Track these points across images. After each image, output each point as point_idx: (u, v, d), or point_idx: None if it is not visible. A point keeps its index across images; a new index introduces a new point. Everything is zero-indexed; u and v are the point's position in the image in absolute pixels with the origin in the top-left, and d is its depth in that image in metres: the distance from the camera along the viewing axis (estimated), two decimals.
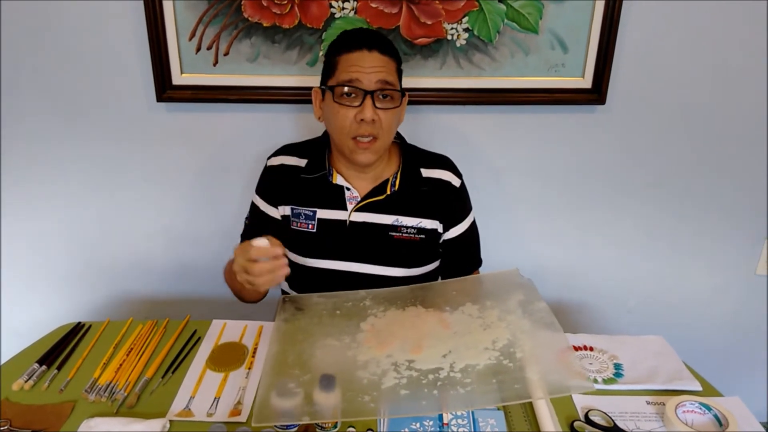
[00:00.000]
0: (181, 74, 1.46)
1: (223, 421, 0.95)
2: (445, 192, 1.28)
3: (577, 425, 0.95)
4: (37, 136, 1.55)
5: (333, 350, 1.04)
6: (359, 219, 1.24)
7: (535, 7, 1.40)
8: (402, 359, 1.00)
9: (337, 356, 1.02)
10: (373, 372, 0.98)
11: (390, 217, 1.24)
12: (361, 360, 1.01)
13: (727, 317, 1.79)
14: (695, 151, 1.59)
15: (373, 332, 1.08)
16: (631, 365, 1.10)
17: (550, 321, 1.06)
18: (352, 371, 0.98)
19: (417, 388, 0.95)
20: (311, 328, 1.10)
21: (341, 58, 1.14)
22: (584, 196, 1.64)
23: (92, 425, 0.93)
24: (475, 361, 0.99)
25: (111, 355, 1.12)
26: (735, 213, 1.65)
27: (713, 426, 0.95)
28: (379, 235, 1.24)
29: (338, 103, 1.14)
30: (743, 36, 1.46)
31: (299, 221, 1.26)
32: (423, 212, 1.26)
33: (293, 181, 1.26)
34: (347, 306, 1.16)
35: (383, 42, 1.16)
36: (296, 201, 1.26)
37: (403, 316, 1.12)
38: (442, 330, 1.08)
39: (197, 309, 1.73)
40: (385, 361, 1.00)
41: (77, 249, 1.69)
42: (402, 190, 1.25)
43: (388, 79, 1.13)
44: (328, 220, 1.25)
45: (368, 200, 1.24)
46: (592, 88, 1.48)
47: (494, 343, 1.03)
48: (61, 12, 1.42)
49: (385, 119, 1.15)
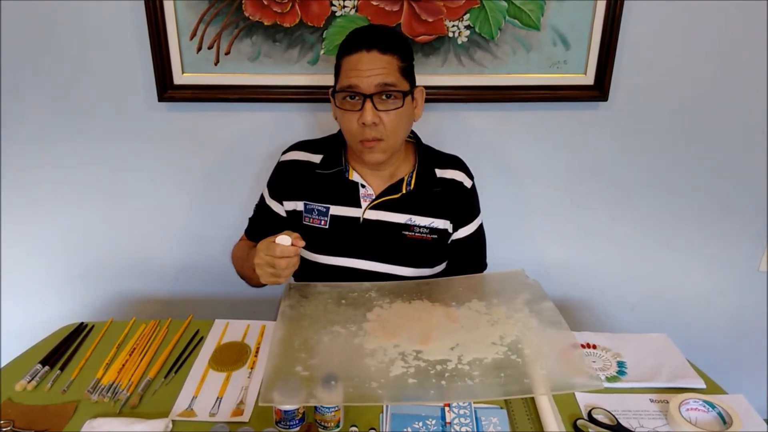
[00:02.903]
0: (183, 74, 1.46)
1: (226, 421, 0.95)
2: (457, 192, 1.28)
3: (581, 423, 0.95)
4: (38, 135, 1.55)
5: (340, 337, 1.05)
6: (373, 217, 1.24)
7: (537, 3, 1.39)
8: (410, 349, 1.02)
9: (344, 343, 1.03)
10: (380, 360, 0.99)
11: (404, 216, 1.24)
12: (368, 348, 1.02)
13: (730, 314, 1.78)
14: (698, 148, 1.58)
15: (380, 322, 1.09)
16: (635, 363, 1.10)
17: (557, 320, 1.07)
18: (359, 358, 0.99)
19: (425, 377, 0.95)
20: (317, 315, 1.11)
21: (343, 62, 1.14)
22: (586, 193, 1.63)
23: (95, 425, 0.93)
24: (482, 354, 1.00)
25: (114, 356, 1.12)
26: (737, 210, 1.65)
27: (717, 424, 0.94)
28: (392, 233, 1.24)
29: (341, 108, 1.15)
30: (745, 34, 1.45)
31: (312, 217, 1.26)
32: (435, 212, 1.26)
33: (306, 176, 1.26)
34: (352, 296, 1.17)
35: (385, 39, 1.14)
36: (309, 196, 1.26)
37: (410, 308, 1.13)
38: (450, 323, 1.09)
39: (200, 309, 1.73)
40: (392, 350, 1.01)
41: (79, 249, 1.69)
42: (417, 189, 1.25)
43: (388, 80, 1.12)
44: (341, 217, 1.25)
45: (383, 198, 1.24)
46: (594, 85, 1.47)
47: (502, 339, 1.04)
48: (62, 12, 1.42)
49: (388, 120, 1.14)
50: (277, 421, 0.93)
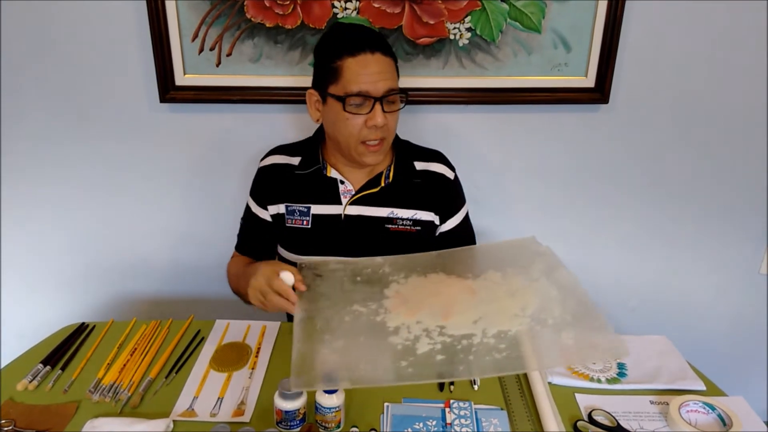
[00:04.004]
0: (184, 75, 1.46)
1: (227, 421, 0.95)
2: (440, 184, 1.29)
3: (581, 425, 0.95)
4: (40, 136, 1.56)
5: (362, 316, 1.04)
6: (354, 212, 1.25)
7: (538, 6, 1.39)
8: (433, 325, 1.01)
9: (367, 322, 1.03)
10: (405, 338, 0.99)
11: (385, 209, 1.25)
12: (391, 326, 1.02)
13: (730, 317, 1.78)
14: (698, 150, 1.58)
15: (400, 298, 1.08)
16: (635, 365, 1.10)
17: (574, 286, 1.06)
18: (384, 337, 0.99)
19: (452, 353, 0.95)
20: (334, 294, 1.10)
21: (344, 64, 1.12)
22: (587, 195, 1.63)
23: (96, 425, 0.93)
24: (506, 327, 0.99)
25: (115, 356, 1.12)
26: (738, 212, 1.65)
27: (717, 426, 0.94)
28: (374, 228, 1.25)
29: (348, 111, 1.14)
30: (746, 35, 1.45)
31: (294, 218, 1.27)
32: (418, 204, 1.26)
33: (286, 179, 1.27)
34: (366, 272, 1.16)
35: (382, 41, 1.16)
36: (290, 198, 1.27)
37: (427, 282, 1.13)
38: (469, 296, 1.08)
39: (200, 309, 1.73)
40: (415, 327, 1.01)
41: (81, 249, 1.70)
42: (396, 181, 1.26)
43: (394, 85, 1.15)
44: (322, 216, 1.25)
45: (363, 193, 1.25)
46: (595, 87, 1.47)
47: (523, 310, 1.03)
48: (64, 12, 1.42)
49: (391, 120, 1.17)
50: (278, 421, 0.93)
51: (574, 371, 1.07)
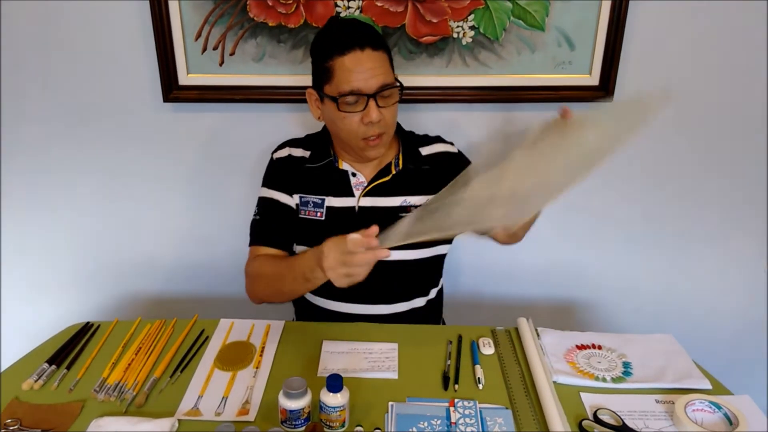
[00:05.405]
0: (188, 74, 1.46)
1: (232, 420, 0.96)
2: (447, 161, 1.30)
3: (586, 424, 0.94)
4: (43, 136, 1.56)
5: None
6: (368, 204, 1.25)
7: (542, 4, 1.39)
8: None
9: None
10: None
11: (398, 198, 1.25)
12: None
13: (736, 315, 1.78)
14: (702, 148, 1.57)
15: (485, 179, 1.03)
16: (640, 364, 1.10)
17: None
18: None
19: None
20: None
21: (335, 64, 1.11)
22: (591, 193, 1.63)
23: (101, 425, 0.94)
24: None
25: (120, 355, 1.13)
26: (742, 210, 1.64)
27: (723, 425, 0.94)
28: (389, 217, 1.23)
29: (342, 111, 1.14)
30: (748, 35, 1.44)
31: (308, 209, 1.26)
32: (429, 189, 1.25)
33: (298, 171, 1.27)
34: (433, 207, 1.05)
35: (372, 35, 1.13)
36: (304, 190, 1.27)
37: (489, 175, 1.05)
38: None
39: (205, 308, 1.73)
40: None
41: (85, 249, 1.70)
42: (405, 168, 1.27)
43: (387, 80, 1.13)
44: (337, 208, 1.25)
45: (375, 183, 1.25)
46: (600, 86, 1.47)
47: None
48: (66, 12, 1.43)
49: (388, 114, 1.16)
50: (283, 420, 0.93)
51: (579, 370, 1.07)
